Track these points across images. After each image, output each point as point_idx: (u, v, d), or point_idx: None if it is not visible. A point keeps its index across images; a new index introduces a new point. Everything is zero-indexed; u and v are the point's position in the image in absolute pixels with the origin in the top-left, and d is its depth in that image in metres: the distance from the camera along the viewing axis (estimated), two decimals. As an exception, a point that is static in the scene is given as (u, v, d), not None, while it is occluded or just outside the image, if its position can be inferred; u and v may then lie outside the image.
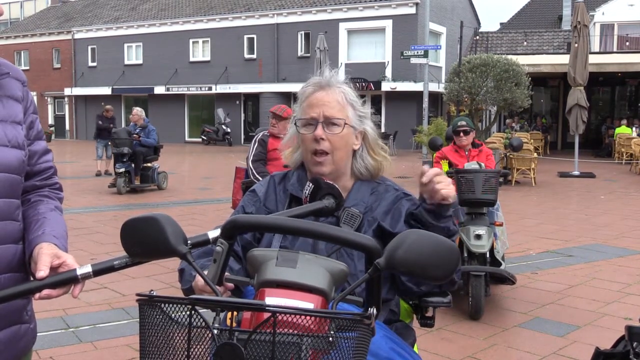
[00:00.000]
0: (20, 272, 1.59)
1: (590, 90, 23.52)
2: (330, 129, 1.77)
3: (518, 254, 7.19)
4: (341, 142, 1.79)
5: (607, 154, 22.80)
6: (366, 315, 1.13)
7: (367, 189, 1.85)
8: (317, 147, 1.77)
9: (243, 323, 1.20)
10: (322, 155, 1.77)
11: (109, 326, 4.71)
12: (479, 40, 29.88)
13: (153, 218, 1.36)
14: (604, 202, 11.79)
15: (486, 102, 17.84)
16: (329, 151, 1.77)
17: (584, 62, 15.48)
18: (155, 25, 33.82)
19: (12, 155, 1.57)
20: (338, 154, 1.79)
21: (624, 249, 7.58)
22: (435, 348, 4.30)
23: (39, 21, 40.51)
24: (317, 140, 1.76)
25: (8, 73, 1.64)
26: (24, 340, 1.66)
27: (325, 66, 1.96)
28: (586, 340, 4.45)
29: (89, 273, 1.47)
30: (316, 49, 18.91)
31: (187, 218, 9.39)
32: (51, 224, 1.62)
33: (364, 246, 1.30)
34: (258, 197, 1.90)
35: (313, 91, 1.81)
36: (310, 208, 1.64)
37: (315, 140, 1.77)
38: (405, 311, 1.93)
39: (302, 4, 29.86)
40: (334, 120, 1.77)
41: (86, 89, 35.54)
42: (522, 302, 5.39)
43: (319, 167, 1.78)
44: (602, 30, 27.98)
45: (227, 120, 30.49)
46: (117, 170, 12.40)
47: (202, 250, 1.73)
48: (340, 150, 1.79)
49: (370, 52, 28.27)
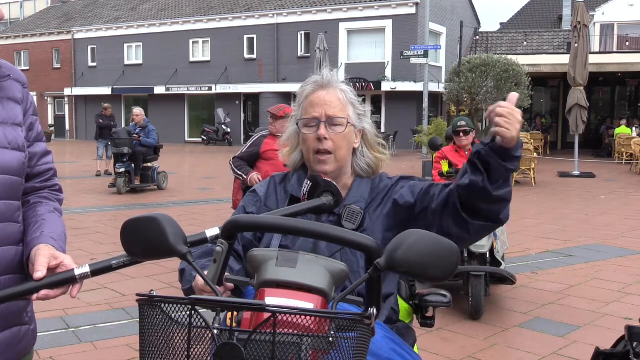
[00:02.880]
0: (20, 274, 1.59)
1: (590, 90, 23.50)
2: (333, 128, 1.78)
3: (518, 254, 7.19)
4: (344, 141, 1.79)
5: (607, 154, 22.80)
6: (366, 315, 1.13)
7: (367, 186, 1.86)
8: (321, 147, 1.77)
9: (243, 323, 1.20)
10: (325, 154, 1.78)
11: (109, 326, 4.71)
12: (479, 40, 29.88)
13: (153, 218, 1.36)
14: (604, 202, 11.79)
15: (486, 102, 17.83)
16: (332, 150, 1.78)
17: (584, 62, 15.48)
18: (155, 25, 33.82)
19: (13, 158, 1.57)
20: (341, 153, 1.79)
21: (624, 249, 7.58)
22: (435, 348, 4.30)
23: (39, 21, 40.51)
24: (320, 140, 1.77)
25: (9, 75, 1.64)
26: (25, 341, 1.66)
27: (325, 66, 1.96)
28: (586, 340, 4.45)
29: (86, 273, 1.47)
30: (316, 49, 18.91)
31: (187, 218, 9.39)
32: (49, 226, 1.62)
33: (363, 246, 1.30)
34: (259, 197, 1.90)
35: (313, 90, 1.82)
36: (309, 206, 1.64)
37: (318, 140, 1.77)
38: (405, 311, 1.93)
39: (302, 4, 29.86)
40: (337, 120, 1.78)
41: (86, 89, 35.54)
42: (522, 302, 5.39)
43: (322, 165, 1.79)
44: (602, 30, 27.97)
45: (227, 120, 30.49)
46: (117, 170, 12.41)
47: (202, 250, 1.74)
48: (343, 149, 1.79)
49: (370, 52, 28.26)
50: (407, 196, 1.78)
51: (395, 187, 1.84)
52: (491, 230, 1.73)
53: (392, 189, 1.84)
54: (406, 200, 1.77)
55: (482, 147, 1.61)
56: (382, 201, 1.83)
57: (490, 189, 1.58)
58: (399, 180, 1.87)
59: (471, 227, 1.67)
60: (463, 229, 1.68)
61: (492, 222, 1.67)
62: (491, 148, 1.58)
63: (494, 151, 1.58)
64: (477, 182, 1.59)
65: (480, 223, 1.66)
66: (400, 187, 1.83)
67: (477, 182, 1.59)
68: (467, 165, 1.65)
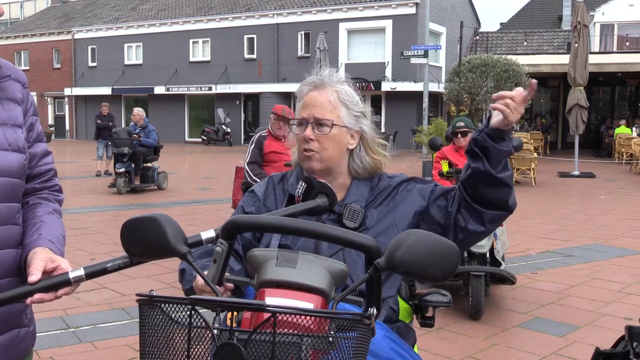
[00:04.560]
0: (20, 277, 1.58)
1: (590, 90, 23.51)
2: (320, 129, 1.79)
3: (518, 254, 7.19)
4: (330, 143, 1.80)
5: (607, 154, 22.80)
6: (366, 315, 1.13)
7: (366, 187, 1.86)
8: (306, 147, 1.80)
9: (243, 323, 1.20)
10: (310, 151, 1.80)
11: (109, 326, 4.71)
12: (479, 40, 29.89)
13: (153, 218, 1.35)
14: (604, 202, 11.79)
15: (486, 102, 17.85)
16: (318, 151, 1.80)
17: (584, 62, 15.48)
18: (155, 25, 33.82)
19: (13, 159, 1.56)
20: (327, 154, 1.80)
21: (624, 249, 7.58)
22: (435, 348, 4.30)
23: (39, 21, 40.51)
24: (306, 140, 1.79)
25: (9, 75, 1.63)
26: (24, 343, 1.66)
27: (322, 65, 1.97)
28: (586, 340, 4.46)
29: (81, 276, 1.46)
30: (316, 49, 18.91)
31: (187, 218, 9.39)
32: (48, 228, 1.61)
33: (363, 246, 1.30)
34: (257, 197, 1.90)
35: (308, 91, 1.84)
36: (303, 207, 1.64)
37: (304, 140, 1.80)
38: (405, 311, 1.93)
39: (302, 4, 29.86)
40: (323, 121, 1.79)
41: (86, 89, 35.54)
42: (522, 302, 5.39)
43: (308, 161, 1.81)
44: (602, 30, 27.98)
45: (227, 120, 30.49)
46: (117, 170, 12.41)
47: (202, 250, 1.73)
48: (329, 150, 1.80)
49: (370, 52, 28.27)
50: (419, 201, 1.84)
51: (399, 190, 1.85)
52: (504, 218, 1.83)
53: (396, 192, 1.85)
54: (420, 205, 1.84)
55: (478, 134, 1.74)
56: (384, 202, 1.83)
57: (492, 171, 1.71)
58: (401, 184, 1.87)
59: (485, 216, 1.77)
60: (478, 220, 1.77)
61: (503, 210, 1.78)
62: (486, 133, 1.72)
63: (489, 136, 1.71)
64: (478, 168, 1.72)
65: (493, 212, 1.77)
66: (406, 190, 1.86)
67: (478, 168, 1.72)
68: (467, 157, 1.77)
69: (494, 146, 1.70)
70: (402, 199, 1.84)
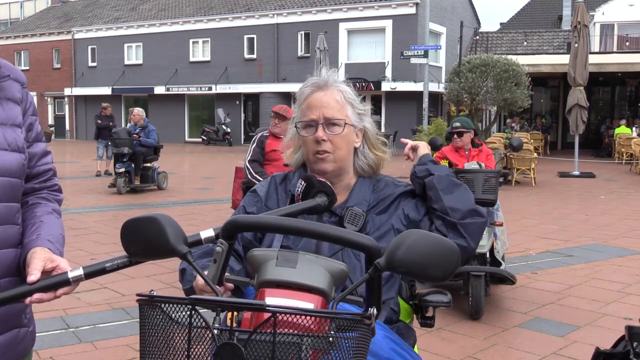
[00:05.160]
0: (19, 277, 1.58)
1: (590, 90, 23.51)
2: (331, 129, 1.79)
3: (518, 254, 7.19)
4: (342, 142, 1.80)
5: (607, 154, 22.80)
6: (366, 315, 1.13)
7: (369, 188, 1.86)
8: (319, 148, 1.78)
9: (243, 323, 1.20)
10: (324, 153, 1.79)
11: (109, 326, 4.71)
12: (479, 40, 29.88)
13: (153, 218, 1.35)
14: (604, 202, 11.79)
15: (486, 102, 17.86)
16: (331, 151, 1.79)
17: (584, 62, 15.48)
18: (155, 25, 33.81)
19: (12, 159, 1.56)
20: (340, 153, 1.80)
21: (624, 249, 7.58)
22: (435, 348, 4.30)
23: (39, 21, 40.50)
24: (318, 142, 1.78)
25: (9, 75, 1.63)
26: (23, 343, 1.66)
27: (322, 66, 1.97)
28: (586, 340, 4.46)
29: (80, 276, 1.46)
30: (316, 49, 18.91)
31: (187, 218, 9.39)
32: (47, 228, 1.61)
33: (364, 246, 1.30)
34: (259, 197, 1.90)
35: (311, 92, 1.82)
36: (303, 206, 1.64)
37: (316, 142, 1.78)
38: (405, 311, 1.93)
39: (302, 4, 29.85)
40: (335, 121, 1.78)
41: (86, 89, 35.53)
42: (522, 302, 5.39)
43: (321, 163, 1.80)
44: (602, 30, 27.97)
45: (227, 120, 30.48)
46: (117, 170, 12.41)
47: (203, 250, 1.73)
48: (342, 149, 1.80)
49: (370, 52, 28.25)
50: (414, 214, 1.89)
51: (400, 201, 1.88)
52: (480, 227, 1.86)
53: (398, 202, 1.88)
54: (414, 216, 1.89)
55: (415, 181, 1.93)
56: (387, 210, 1.84)
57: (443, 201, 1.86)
58: (403, 195, 1.90)
59: (460, 226, 1.82)
60: (457, 233, 1.81)
61: (473, 217, 1.84)
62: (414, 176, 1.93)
63: (415, 175, 1.93)
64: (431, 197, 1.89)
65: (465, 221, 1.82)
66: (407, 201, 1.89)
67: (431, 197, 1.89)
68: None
69: (417, 178, 1.91)
70: (401, 207, 1.87)
